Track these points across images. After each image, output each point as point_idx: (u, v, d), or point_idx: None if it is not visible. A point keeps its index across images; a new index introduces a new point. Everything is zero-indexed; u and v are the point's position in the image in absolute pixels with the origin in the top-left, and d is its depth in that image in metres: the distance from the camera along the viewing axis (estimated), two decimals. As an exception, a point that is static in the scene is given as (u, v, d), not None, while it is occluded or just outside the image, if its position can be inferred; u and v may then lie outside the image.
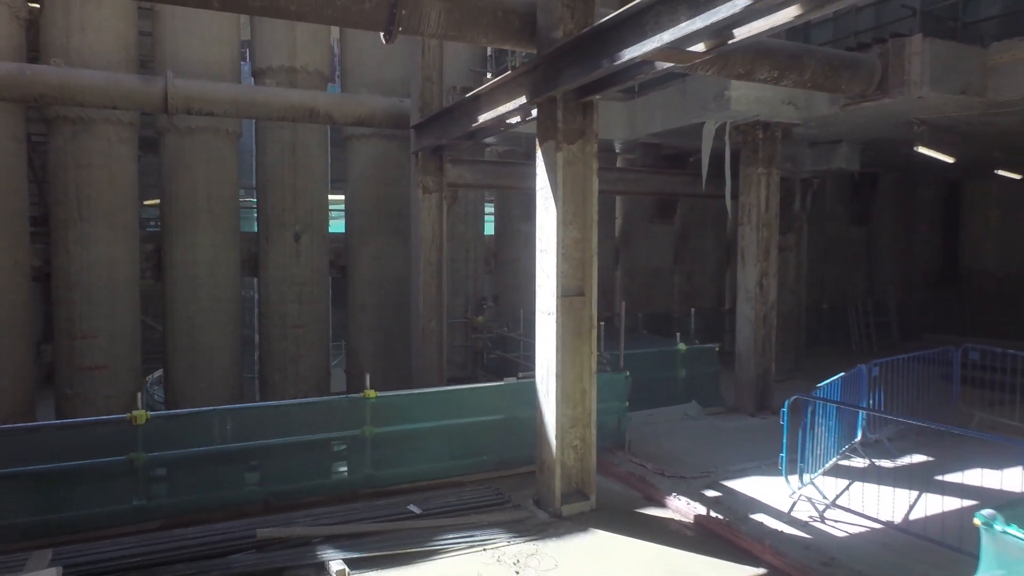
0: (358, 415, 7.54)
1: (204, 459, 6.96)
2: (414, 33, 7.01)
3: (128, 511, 6.58)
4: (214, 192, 12.44)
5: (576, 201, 7.12)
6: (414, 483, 7.71)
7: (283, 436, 7.29)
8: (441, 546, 6.28)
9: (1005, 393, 9.87)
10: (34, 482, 6.35)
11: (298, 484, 7.28)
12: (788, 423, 7.14)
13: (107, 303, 11.63)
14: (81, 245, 11.43)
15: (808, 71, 8.79)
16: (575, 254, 7.15)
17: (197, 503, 6.81)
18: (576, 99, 7.02)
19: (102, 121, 11.41)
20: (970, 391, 10.66)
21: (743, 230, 11.45)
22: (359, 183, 13.71)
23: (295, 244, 12.91)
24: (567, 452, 7.17)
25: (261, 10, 6.49)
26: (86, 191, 11.42)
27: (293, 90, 12.13)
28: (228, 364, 12.90)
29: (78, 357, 11.48)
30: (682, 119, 11.65)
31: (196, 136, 12.19)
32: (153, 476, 6.81)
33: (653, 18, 5.35)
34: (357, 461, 7.59)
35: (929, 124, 11.25)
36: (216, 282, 12.62)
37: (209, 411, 7.22)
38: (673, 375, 11.15)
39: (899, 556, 6.00)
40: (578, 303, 7.15)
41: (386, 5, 6.62)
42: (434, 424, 7.90)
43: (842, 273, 18.78)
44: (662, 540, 6.54)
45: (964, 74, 9.43)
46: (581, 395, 7.22)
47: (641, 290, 16.20)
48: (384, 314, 13.45)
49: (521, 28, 7.31)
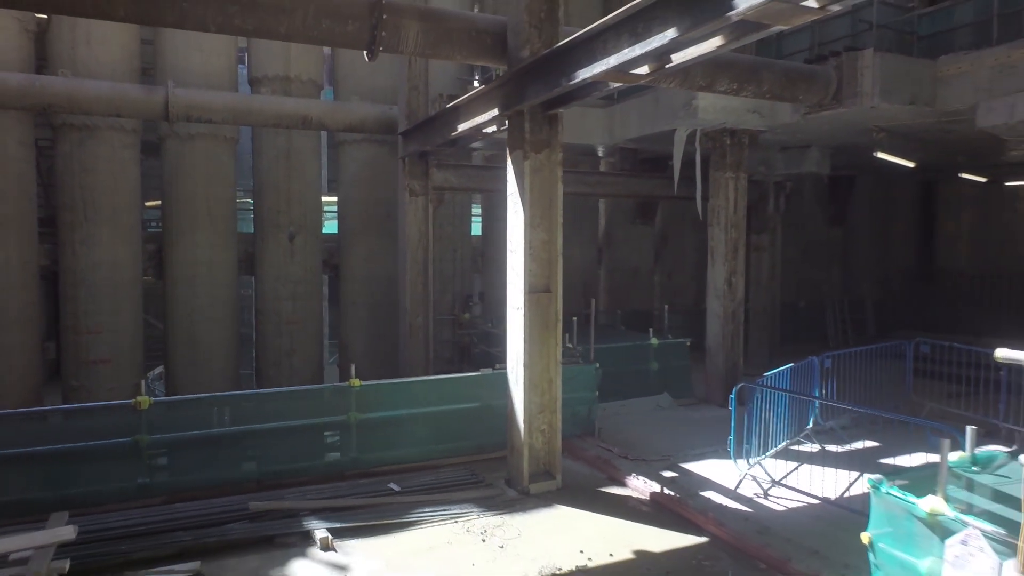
0: (344, 402, 8.19)
1: (202, 441, 7.61)
2: (394, 51, 7.65)
3: (133, 488, 7.23)
4: (212, 195, 13.09)
5: (543, 205, 7.76)
6: (396, 465, 8.36)
7: (275, 421, 7.95)
8: (417, 518, 6.94)
9: (960, 385, 10.43)
10: (48, 461, 6.99)
11: (288, 465, 7.93)
12: (746, 410, 7.80)
13: (111, 300, 12.28)
14: (86, 245, 12.08)
15: (766, 83, 9.44)
16: (542, 254, 7.79)
17: (196, 481, 7.46)
18: (543, 112, 7.67)
19: (106, 128, 12.06)
20: (923, 383, 11.30)
21: (713, 231, 12.09)
22: (351, 186, 14.36)
23: (289, 244, 13.57)
24: (535, 436, 7.83)
25: (255, 32, 7.15)
26: (91, 194, 12.07)
27: (287, 98, 12.77)
28: (226, 359, 13.55)
29: (84, 351, 12.13)
30: (655, 126, 12.28)
31: (196, 142, 12.84)
32: (156, 457, 7.45)
33: (601, 44, 6.00)
34: (343, 444, 8.23)
35: (888, 131, 11.91)
36: (215, 281, 13.27)
37: (207, 397, 7.89)
38: (646, 368, 11.79)
39: (828, 526, 6.66)
40: (545, 299, 7.80)
41: (367, 27, 7.26)
42: (415, 411, 8.55)
43: (820, 272, 19.44)
44: (619, 514, 7.19)
45: (913, 86, 10.09)
46: (548, 384, 7.88)
47: (623, 288, 16.84)
48: (375, 311, 14.11)
49: (493, 46, 7.94)
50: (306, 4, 7.01)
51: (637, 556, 6.23)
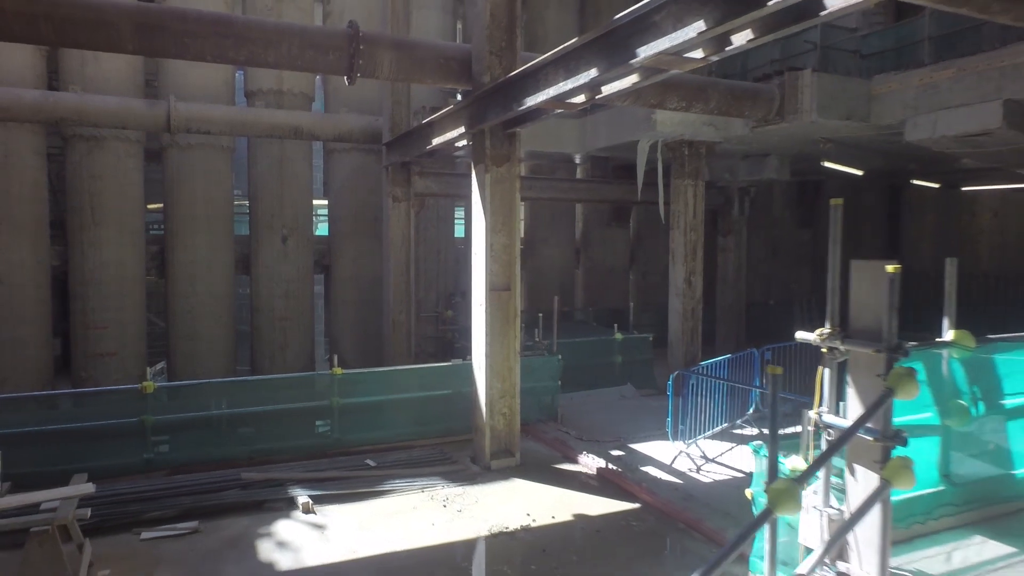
0: (327, 388, 9.17)
1: (201, 422, 8.59)
2: (370, 77, 8.61)
3: (139, 462, 8.20)
4: (211, 200, 14.06)
5: (504, 212, 8.74)
6: (374, 445, 9.34)
7: (265, 405, 8.94)
8: (388, 489, 7.92)
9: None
10: (65, 438, 7.96)
11: (277, 444, 8.91)
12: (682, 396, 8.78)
13: (117, 298, 13.26)
14: (94, 247, 13.06)
15: (713, 101, 10.41)
16: (503, 256, 8.76)
17: (194, 457, 8.43)
18: (503, 130, 8.65)
19: (112, 139, 13.03)
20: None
21: (673, 233, 13.06)
22: (340, 192, 15.34)
23: (283, 246, 14.54)
24: (497, 418, 8.81)
25: (247, 62, 8.12)
26: (98, 199, 13.04)
27: (280, 111, 13.74)
28: (223, 353, 14.52)
29: (92, 344, 13.11)
30: (621, 136, 13.26)
31: (195, 151, 13.81)
32: (159, 435, 8.42)
33: (544, 77, 6.98)
34: (326, 426, 9.21)
35: (835, 142, 12.90)
36: (213, 280, 14.24)
37: (205, 383, 8.89)
38: (611, 361, 12.78)
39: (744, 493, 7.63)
40: (505, 296, 8.78)
41: (346, 56, 8.23)
42: (391, 397, 9.53)
43: (789, 272, 20.42)
44: (567, 486, 8.16)
45: (848, 103, 11.07)
46: (508, 371, 8.86)
47: (599, 287, 17.83)
48: (363, 309, 15.09)
49: (459, 71, 8.91)
50: (291, 37, 7.99)
51: (575, 518, 7.22)
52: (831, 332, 3.98)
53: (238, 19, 8.01)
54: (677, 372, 8.87)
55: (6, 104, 11.45)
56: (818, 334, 4.07)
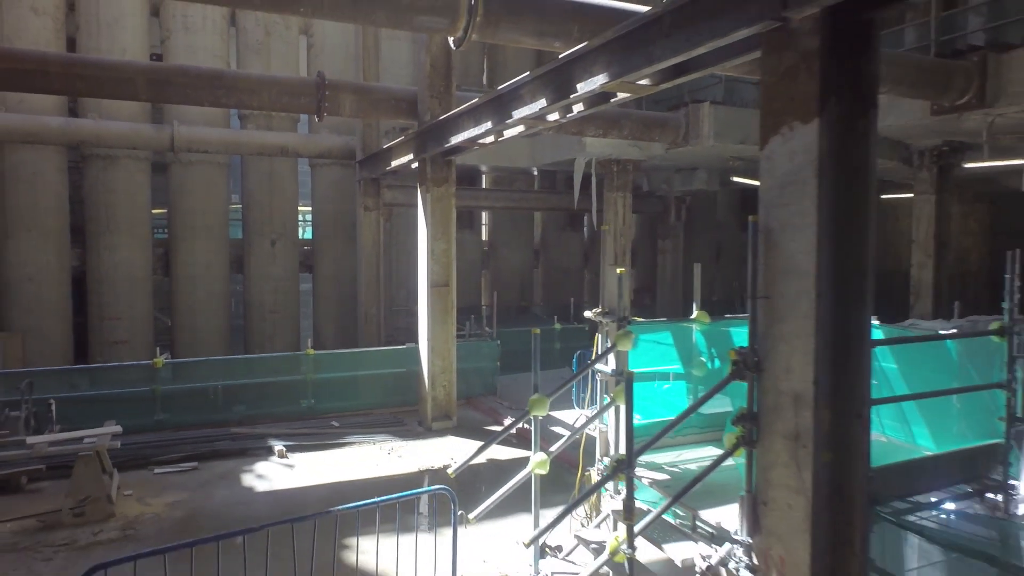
0: (303, 365, 11.33)
1: (199, 392, 10.74)
2: (335, 115, 10.77)
3: (151, 423, 10.33)
4: (209, 209, 16.19)
5: (443, 224, 10.88)
6: (341, 412, 11.48)
7: (253, 378, 11.09)
8: (347, 442, 10.08)
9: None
10: (94, 401, 10.09)
11: (262, 410, 11.05)
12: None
13: (128, 294, 15.40)
14: (108, 250, 15.20)
15: (627, 128, 12.56)
16: (442, 259, 10.91)
17: (195, 419, 10.57)
18: (442, 158, 10.80)
19: (124, 157, 15.16)
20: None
21: (607, 238, 15.19)
22: (322, 201, 17.49)
23: (272, 249, 16.69)
24: (437, 389, 10.96)
25: (236, 106, 10.30)
26: (112, 210, 15.18)
27: (269, 132, 15.89)
28: (220, 343, 16.65)
29: (106, 334, 15.25)
30: (563, 154, 15.37)
31: (195, 167, 15.94)
32: (167, 401, 10.57)
33: (462, 122, 9.11)
34: (301, 396, 11.36)
35: (744, 159, 15.04)
36: (211, 278, 16.37)
37: (203, 360, 11.03)
38: (551, 347, 14.92)
39: (622, 444, 9.78)
40: (444, 291, 10.93)
41: (315, 100, 10.38)
42: (356, 373, 11.69)
43: (732, 272, 22.54)
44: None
45: (742, 129, 13.20)
46: (447, 352, 11.01)
47: (556, 285, 19.98)
48: (342, 303, 17.24)
49: (408, 109, 11.07)
50: (271, 86, 10.15)
51: (488, 461, 9.36)
52: (598, 311, 6.13)
53: (228, 73, 10.19)
54: (579, 352, 11.01)
55: (35, 129, 13.62)
56: (593, 312, 6.21)
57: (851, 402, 4.17)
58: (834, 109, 3.95)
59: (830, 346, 4.01)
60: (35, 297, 14.49)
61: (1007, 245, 18.53)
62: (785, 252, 4.22)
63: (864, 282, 4.15)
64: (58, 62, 9.19)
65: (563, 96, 6.59)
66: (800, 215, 4.08)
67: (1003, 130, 10.49)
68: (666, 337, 6.85)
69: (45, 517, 7.29)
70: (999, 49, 9.46)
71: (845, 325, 4.07)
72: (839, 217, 4.02)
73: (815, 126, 3.95)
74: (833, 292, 4.01)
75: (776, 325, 4.26)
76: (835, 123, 3.96)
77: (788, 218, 4.18)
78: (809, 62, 3.98)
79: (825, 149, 3.94)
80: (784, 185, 4.21)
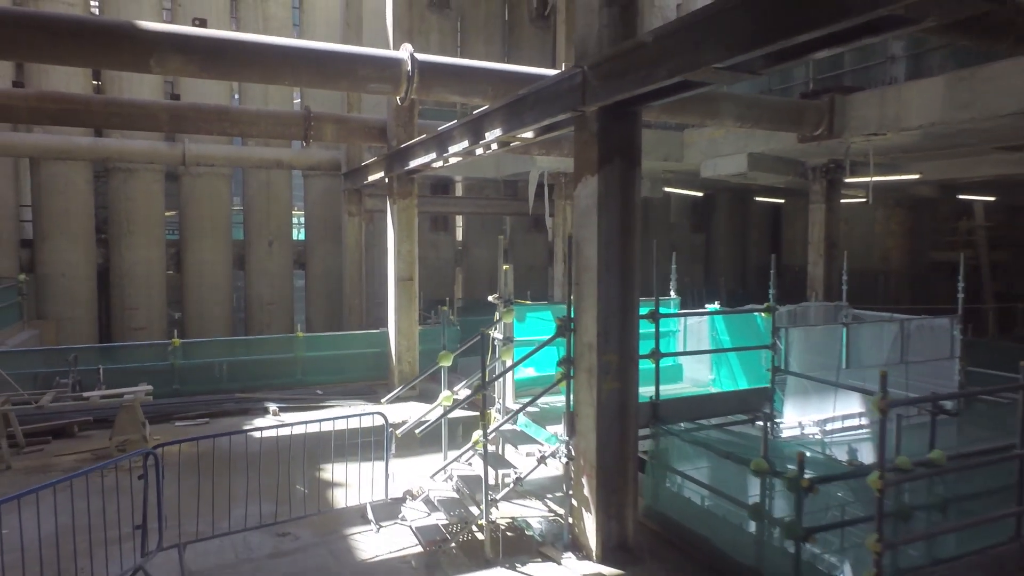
0: (294, 345, 13.81)
1: (209, 366, 13.22)
2: (320, 141, 13.22)
3: (170, 391, 12.79)
4: (215, 214, 18.67)
5: (407, 229, 13.33)
6: (325, 384, 13.96)
7: (253, 355, 13.57)
8: (328, 405, 12.55)
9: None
10: (122, 374, 12.55)
11: (261, 381, 13.51)
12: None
13: (145, 287, 17.89)
14: (129, 250, 17.68)
15: (566, 148, 14.99)
16: (407, 258, 13.36)
17: (205, 387, 13.05)
18: (406, 176, 13.25)
19: (142, 170, 17.64)
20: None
21: (556, 241, 17.65)
22: (313, 206, 19.96)
23: (269, 248, 19.17)
24: (404, 364, 13.43)
25: (238, 135, 12.77)
26: (131, 215, 17.66)
27: (267, 148, 18.36)
28: (224, 330, 19.12)
29: (127, 322, 17.74)
30: (520, 167, 17.83)
31: (203, 178, 18.41)
32: (182, 373, 13.04)
33: (417, 150, 11.57)
34: (292, 371, 13.83)
35: (675, 172, 17.50)
36: (216, 274, 18.84)
37: (212, 340, 13.52)
38: (508, 334, 17.36)
39: (547, 406, 12.25)
40: (408, 284, 13.39)
41: (303, 129, 12.81)
42: (338, 352, 14.16)
43: (684, 269, 24.96)
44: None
45: (666, 149, 15.66)
46: (410, 334, 13.48)
47: (524, 281, 22.41)
48: (330, 296, 19.72)
49: (379, 135, 13.52)
50: (267, 119, 12.62)
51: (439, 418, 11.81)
52: (496, 296, 8.60)
53: (233, 108, 12.67)
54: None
55: (67, 148, 16.09)
56: (493, 296, 8.67)
57: (628, 351, 6.63)
58: (608, 168, 6.41)
59: (607, 315, 6.47)
60: (67, 290, 16.99)
61: (925, 246, 21.72)
62: (584, 256, 6.66)
63: (632, 274, 6.60)
64: (100, 103, 11.67)
65: (478, 139, 9.04)
66: (590, 233, 6.53)
67: (857, 153, 12.97)
68: (547, 315, 9.33)
69: (96, 451, 9.77)
70: (843, 91, 11.93)
71: (619, 301, 6.53)
72: (612, 235, 6.47)
73: (596, 179, 6.41)
74: (608, 280, 6.47)
75: (580, 301, 6.73)
76: (609, 177, 6.41)
77: (585, 235, 6.62)
78: (594, 137, 6.43)
79: (602, 193, 6.40)
80: (582, 215, 6.66)
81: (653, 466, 7.22)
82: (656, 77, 5.34)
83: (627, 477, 6.66)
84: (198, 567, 6.53)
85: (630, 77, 5.72)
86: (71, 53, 7.32)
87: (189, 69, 7.78)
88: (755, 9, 4.44)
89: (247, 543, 7.03)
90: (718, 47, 4.75)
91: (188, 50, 7.55)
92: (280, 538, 7.17)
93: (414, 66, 8.83)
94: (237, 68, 8.05)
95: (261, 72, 8.20)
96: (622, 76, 5.81)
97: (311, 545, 7.07)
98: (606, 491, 6.57)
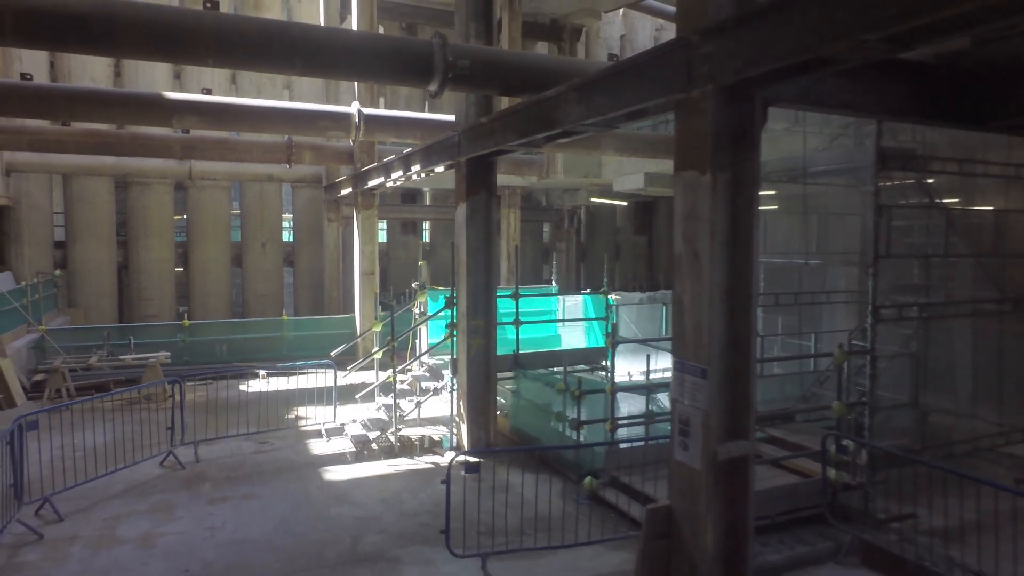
0: (280, 327, 17.25)
1: (212, 343, 16.65)
2: (299, 163, 16.66)
3: (180, 362, 16.23)
4: (216, 221, 22.09)
5: (370, 233, 16.78)
6: (306, 357, 17.37)
7: (247, 334, 17.02)
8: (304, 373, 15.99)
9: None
10: (143, 347, 15.98)
11: (255, 355, 16.94)
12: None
13: (157, 281, 21.31)
14: (144, 250, 21.10)
15: (503, 167, 18.43)
16: (369, 256, 16.81)
17: (210, 359, 16.48)
18: (368, 192, 16.69)
19: (156, 183, 21.06)
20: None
21: (500, 242, 21.05)
22: (300, 213, 23.39)
23: (262, 249, 22.57)
24: (366, 340, 16.86)
25: (236, 160, 16.21)
26: (146, 221, 21.08)
27: (260, 164, 21.73)
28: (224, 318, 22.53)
29: (142, 310, 21.16)
30: (472, 181, 21.24)
31: (206, 190, 21.83)
32: (191, 348, 16.47)
33: (373, 173, 15.00)
34: (280, 347, 17.26)
35: (598, 185, 20.93)
36: (217, 271, 22.25)
37: (215, 322, 16.97)
38: (462, 320, 20.81)
39: (475, 372, 15.71)
40: (370, 276, 16.83)
41: (286, 154, 16.26)
42: (317, 332, 17.60)
43: (629, 266, 28.42)
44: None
45: (586, 168, 19.09)
46: (370, 316, 16.90)
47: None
48: (314, 289, 23.14)
49: (348, 158, 16.96)
50: (258, 147, 16.07)
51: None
52: (420, 284, 12.02)
53: (231, 139, 16.11)
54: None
55: (95, 166, 19.50)
56: (416, 284, 12.09)
57: (489, 318, 10.07)
58: (474, 197, 9.84)
59: (474, 292, 9.90)
60: (93, 284, 20.43)
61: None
62: (460, 255, 10.11)
63: (491, 267, 10.03)
64: (128, 136, 15.10)
65: (408, 170, 12.49)
66: (462, 241, 9.96)
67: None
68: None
69: (127, 397, 13.22)
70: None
71: (484, 285, 9.96)
72: (478, 242, 9.89)
73: (466, 204, 9.84)
74: (475, 271, 9.89)
75: (459, 285, 10.17)
76: (475, 203, 9.84)
77: (460, 242, 10.07)
78: (464, 177, 9.86)
79: (468, 214, 9.83)
80: (458, 228, 10.10)
81: (514, 395, 10.66)
82: (495, 143, 8.76)
83: (488, 402, 10.11)
84: (206, 457, 9.99)
85: (480, 142, 9.18)
86: (118, 115, 10.77)
87: (201, 124, 11.22)
88: (527, 113, 7.90)
89: (239, 446, 10.49)
90: (509, 133, 8.20)
91: (199, 112, 10.98)
92: (261, 445, 10.65)
93: (361, 118, 12.27)
94: (235, 122, 11.47)
95: (250, 125, 11.64)
96: (477, 140, 9.28)
97: (282, 448, 10.54)
98: (475, 411, 10.02)
